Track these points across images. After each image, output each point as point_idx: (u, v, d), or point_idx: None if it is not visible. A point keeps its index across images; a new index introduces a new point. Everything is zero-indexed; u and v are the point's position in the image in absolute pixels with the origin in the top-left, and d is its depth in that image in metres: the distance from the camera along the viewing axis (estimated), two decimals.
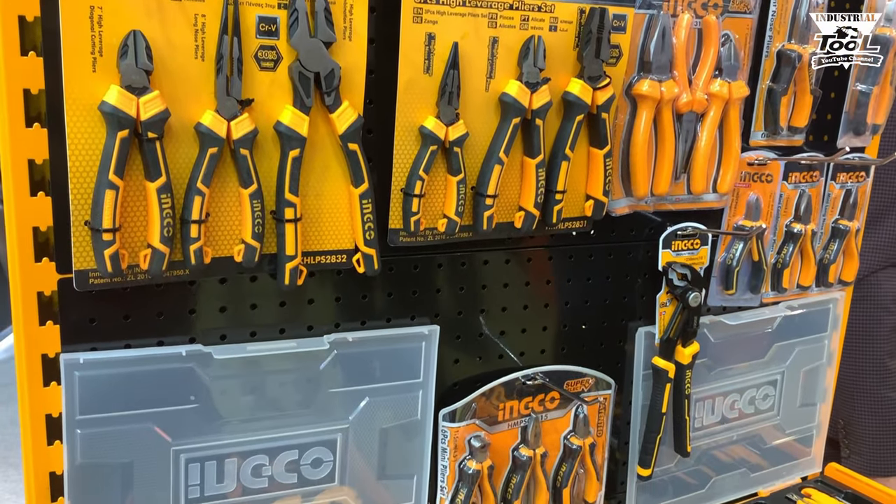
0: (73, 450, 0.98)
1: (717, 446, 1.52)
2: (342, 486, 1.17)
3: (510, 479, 1.30)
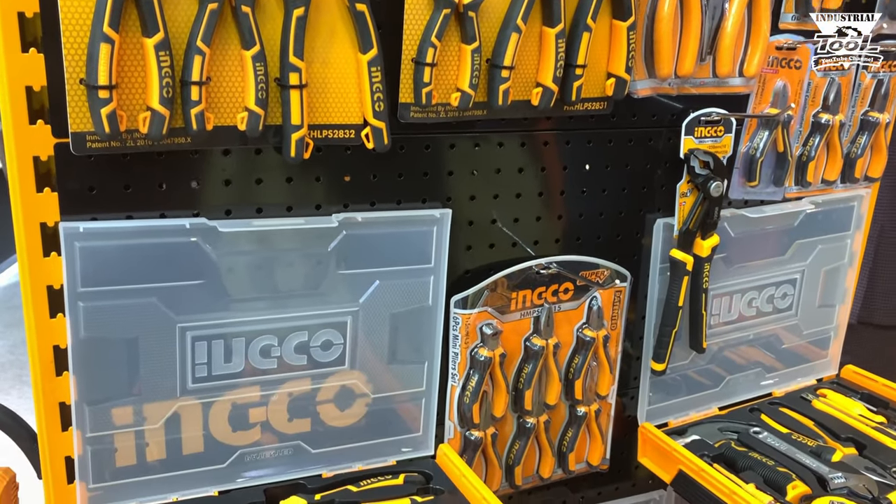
0: (77, 323, 0.96)
1: (732, 345, 1.49)
2: (352, 369, 1.16)
3: (522, 369, 1.28)
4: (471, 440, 1.26)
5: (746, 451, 1.34)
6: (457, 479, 1.16)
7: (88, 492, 1.03)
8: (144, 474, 1.06)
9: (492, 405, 1.27)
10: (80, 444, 1.01)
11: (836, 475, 1.27)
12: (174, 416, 1.05)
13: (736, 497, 1.21)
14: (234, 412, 1.09)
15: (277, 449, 1.14)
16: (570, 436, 1.36)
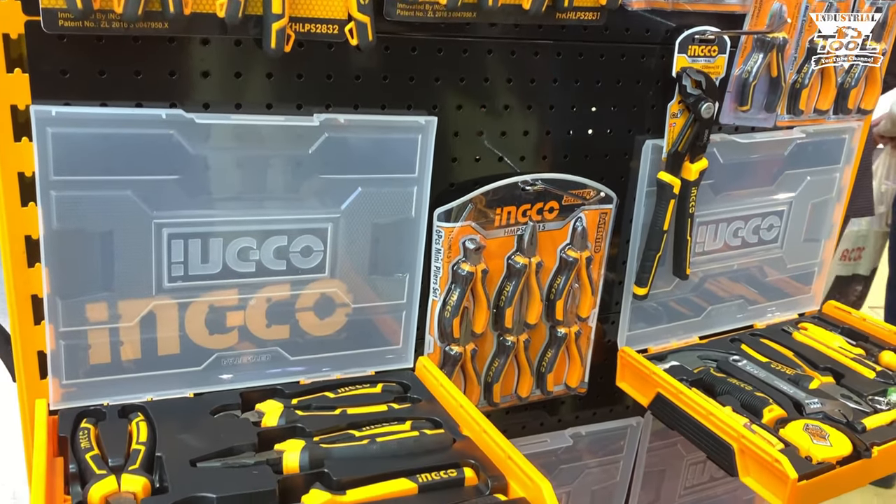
0: (49, 213, 0.94)
1: (716, 274, 1.49)
2: (333, 278, 1.14)
3: (504, 287, 1.27)
4: (450, 355, 1.26)
5: (725, 377, 1.35)
6: (435, 389, 1.16)
7: (62, 388, 1.02)
8: (119, 373, 1.05)
9: (472, 321, 1.26)
10: (52, 338, 0.99)
11: (812, 401, 1.28)
12: (149, 315, 1.04)
13: (713, 418, 1.22)
14: (211, 315, 1.08)
15: (255, 354, 1.13)
16: (549, 357, 1.36)
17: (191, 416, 1.03)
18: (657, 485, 1.65)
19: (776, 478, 1.12)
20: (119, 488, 0.87)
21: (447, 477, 0.96)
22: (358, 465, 0.96)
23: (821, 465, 1.13)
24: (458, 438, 1.04)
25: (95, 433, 0.97)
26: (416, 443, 1.01)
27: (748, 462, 1.17)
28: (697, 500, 1.72)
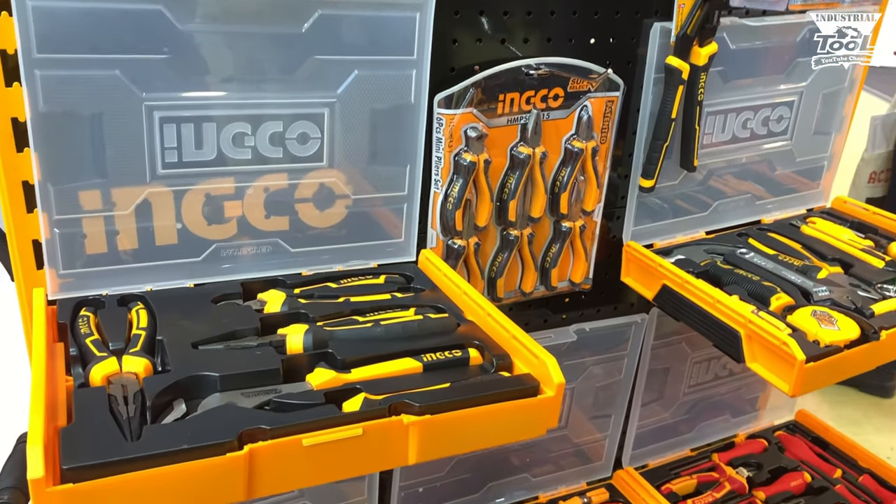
0: (35, 94, 0.90)
1: (723, 168, 1.46)
2: (331, 168, 1.11)
3: (507, 179, 1.24)
4: (453, 249, 1.24)
5: (731, 269, 1.33)
6: (438, 280, 1.14)
7: (59, 278, 1.00)
8: (116, 263, 1.03)
9: (475, 214, 1.24)
10: (47, 226, 0.97)
11: (820, 288, 1.26)
12: (144, 204, 1.02)
13: (719, 306, 1.21)
14: (208, 204, 1.06)
15: (255, 245, 1.11)
16: (553, 252, 1.34)
17: (191, 305, 1.01)
18: (661, 383, 1.65)
19: (783, 361, 1.11)
20: (120, 369, 0.86)
21: (452, 357, 0.95)
22: (362, 346, 0.95)
23: (828, 348, 1.13)
24: (462, 323, 1.03)
25: (95, 320, 0.96)
26: (420, 326, 1.00)
27: (755, 347, 1.16)
28: (701, 399, 1.74)
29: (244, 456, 0.74)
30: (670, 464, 1.71)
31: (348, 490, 1.38)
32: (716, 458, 1.73)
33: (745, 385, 1.80)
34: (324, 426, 0.79)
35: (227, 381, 0.85)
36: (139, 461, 0.71)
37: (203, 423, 0.79)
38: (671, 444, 1.73)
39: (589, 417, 1.60)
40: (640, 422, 1.64)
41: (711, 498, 1.60)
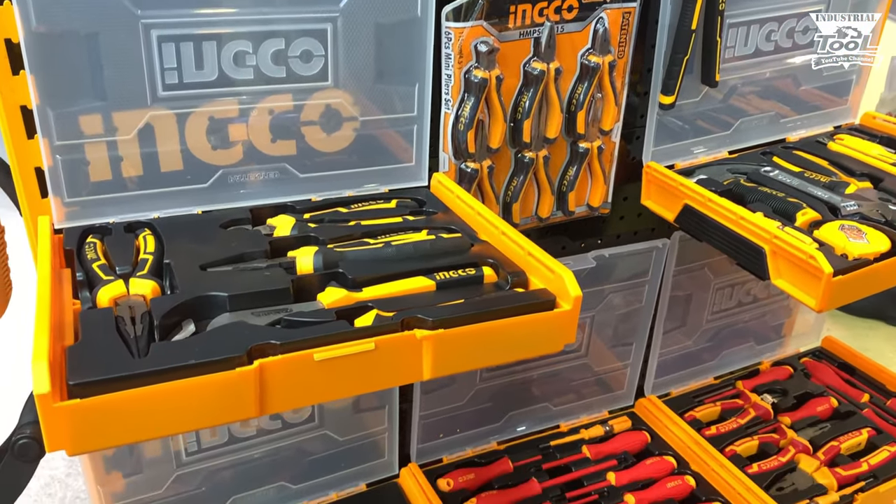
0: (26, 12, 0.87)
1: (747, 83, 1.40)
2: (336, 88, 1.08)
3: (520, 98, 1.20)
4: (466, 172, 1.20)
5: (755, 187, 1.29)
6: (451, 202, 1.11)
7: (64, 206, 0.98)
8: (122, 190, 1.01)
9: (488, 135, 1.20)
10: (48, 153, 0.95)
11: (848, 203, 1.22)
12: (147, 128, 0.99)
13: (743, 223, 1.17)
14: (213, 127, 1.03)
15: (262, 171, 1.08)
16: (570, 174, 1.30)
17: (199, 230, 0.99)
18: (683, 310, 1.62)
19: (810, 276, 1.08)
20: (128, 292, 0.84)
21: (466, 275, 0.92)
22: (373, 265, 0.92)
23: (857, 261, 1.09)
24: (476, 242, 1.00)
25: (102, 247, 0.94)
26: (432, 245, 0.97)
27: (780, 263, 1.13)
28: (725, 326, 1.71)
29: (254, 371, 0.73)
30: (693, 392, 1.69)
31: (368, 420, 1.38)
32: (740, 385, 1.71)
33: (769, 312, 1.76)
34: (335, 341, 0.77)
35: (236, 300, 0.84)
36: (147, 376, 0.70)
37: (212, 340, 0.77)
38: (694, 373, 1.71)
39: (610, 346, 1.57)
40: (662, 350, 1.62)
41: (736, 424, 1.58)
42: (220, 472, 1.28)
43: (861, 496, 1.41)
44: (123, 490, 1.20)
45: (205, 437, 1.23)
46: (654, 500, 1.40)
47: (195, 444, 1.23)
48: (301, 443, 1.32)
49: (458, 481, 1.41)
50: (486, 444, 1.51)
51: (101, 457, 1.17)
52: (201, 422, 0.74)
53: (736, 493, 1.40)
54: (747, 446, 1.53)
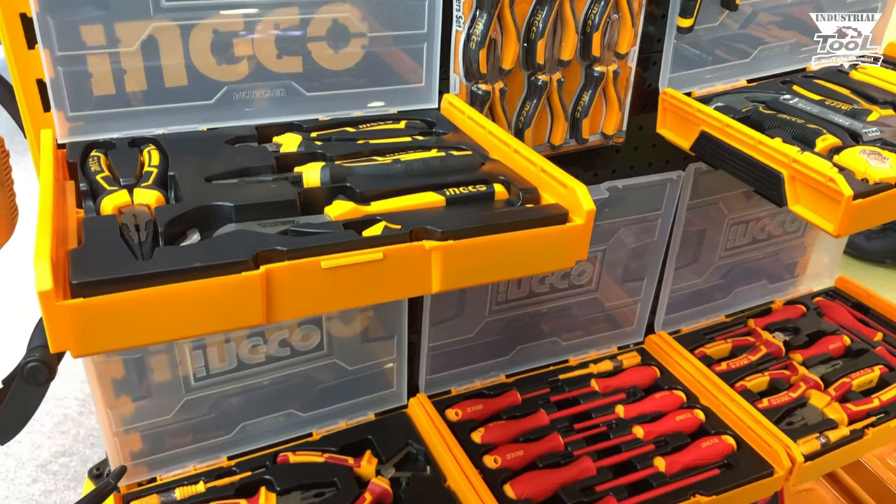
0: None
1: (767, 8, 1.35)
2: (343, 1, 1.04)
3: (535, 15, 1.16)
4: (477, 94, 1.17)
5: (774, 114, 1.25)
6: (462, 123, 1.09)
7: (67, 121, 0.96)
8: (126, 105, 0.99)
9: (500, 56, 1.16)
10: (49, 64, 0.92)
11: (870, 129, 1.18)
12: (150, 40, 0.96)
13: (761, 147, 1.14)
14: (217, 41, 1.00)
15: (269, 88, 1.05)
16: (584, 100, 1.27)
17: (205, 146, 0.97)
18: (696, 246, 1.60)
19: (829, 199, 1.05)
20: (132, 202, 0.83)
21: (476, 191, 0.90)
22: (382, 181, 0.90)
23: (878, 185, 1.06)
24: (487, 160, 0.98)
25: (106, 160, 0.92)
26: (442, 162, 0.95)
27: (798, 188, 1.10)
28: (738, 263, 1.68)
29: (260, 276, 0.71)
30: (704, 329, 1.68)
31: (377, 350, 1.37)
32: (752, 323, 1.69)
33: (783, 250, 1.74)
34: (343, 250, 0.76)
35: (242, 211, 0.82)
36: (151, 278, 0.68)
37: (217, 245, 0.76)
38: (705, 310, 1.69)
39: (620, 281, 1.56)
40: (674, 286, 1.60)
41: (747, 361, 1.57)
42: (228, 399, 1.28)
43: (871, 431, 1.41)
44: (132, 414, 1.21)
45: (213, 363, 1.23)
46: (663, 432, 1.40)
47: (203, 370, 1.23)
48: (310, 371, 1.32)
49: (467, 411, 1.41)
50: (494, 377, 1.51)
51: (111, 380, 1.17)
52: (206, 326, 0.73)
53: (745, 426, 1.40)
54: (757, 382, 1.52)
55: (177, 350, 1.18)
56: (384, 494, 1.25)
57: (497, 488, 1.26)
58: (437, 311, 1.38)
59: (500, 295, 1.43)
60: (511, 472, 1.30)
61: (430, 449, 1.34)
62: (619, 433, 1.40)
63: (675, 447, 1.37)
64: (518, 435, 1.38)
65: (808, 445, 1.36)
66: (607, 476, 1.31)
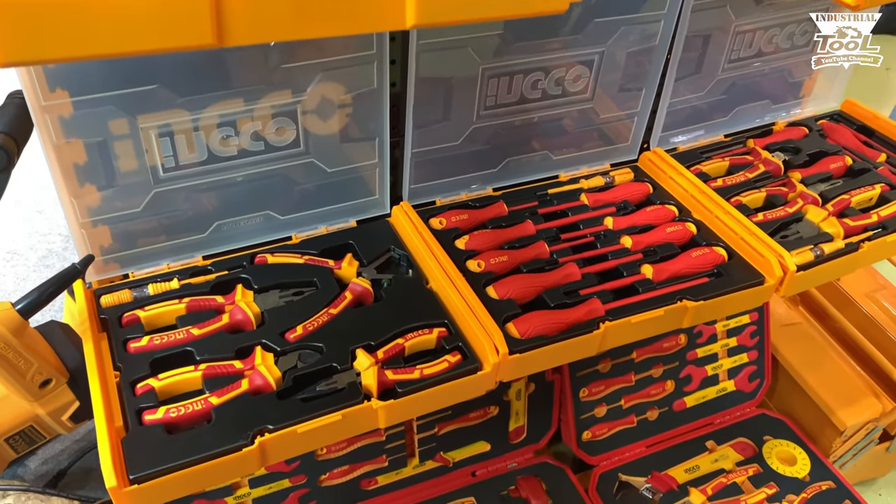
0: None
1: None
2: None
3: None
4: None
5: None
6: None
7: None
8: None
9: None
10: None
11: None
12: None
13: None
14: None
15: None
16: None
17: None
18: (699, 54, 1.51)
19: None
20: None
21: None
22: None
23: None
24: None
25: None
26: None
27: None
28: (741, 78, 1.60)
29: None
30: (701, 148, 1.61)
31: (357, 152, 1.31)
32: (751, 143, 1.63)
33: (789, 68, 1.65)
34: None
35: None
36: None
37: None
38: (704, 128, 1.62)
39: (617, 91, 1.47)
40: (672, 100, 1.52)
41: (743, 178, 1.52)
42: (201, 195, 1.22)
43: (867, 245, 1.37)
44: (98, 204, 1.15)
45: (182, 154, 1.16)
46: (652, 243, 1.36)
47: (172, 160, 1.16)
48: (286, 170, 1.25)
49: (451, 220, 1.37)
50: (481, 189, 1.46)
51: (73, 165, 1.11)
52: (148, 41, 0.65)
53: (738, 237, 1.35)
54: (754, 198, 1.47)
55: (142, 136, 1.11)
56: (365, 294, 1.22)
57: (480, 290, 1.23)
58: (422, 113, 1.30)
59: (488, 98, 1.35)
60: (494, 275, 1.27)
61: (412, 254, 1.30)
62: (607, 243, 1.36)
63: (664, 256, 1.34)
64: (503, 243, 1.34)
65: (802, 256, 1.33)
66: (592, 281, 1.28)
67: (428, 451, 1.61)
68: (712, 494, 1.65)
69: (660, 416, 1.79)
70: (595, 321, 1.19)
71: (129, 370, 1.08)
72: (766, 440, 1.79)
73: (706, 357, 1.81)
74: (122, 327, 1.14)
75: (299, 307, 1.19)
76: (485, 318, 1.15)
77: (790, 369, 1.87)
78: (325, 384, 1.07)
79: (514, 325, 1.17)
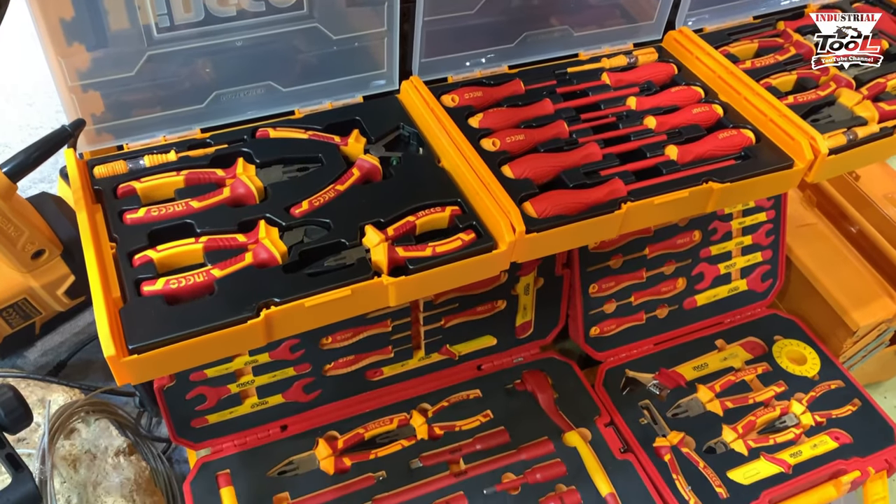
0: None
1: None
2: None
3: None
4: None
5: None
6: None
7: None
8: None
9: None
10: None
11: None
12: None
13: None
14: None
15: None
16: None
17: None
18: None
19: None
20: None
21: None
22: None
23: None
24: None
25: None
26: None
27: None
28: None
29: None
30: (729, 29, 1.51)
31: (365, 19, 1.22)
32: (782, 25, 1.53)
33: None
34: None
35: None
36: None
37: None
38: (732, 8, 1.52)
39: None
40: None
41: (773, 60, 1.43)
42: (198, 61, 1.14)
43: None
44: (89, 66, 1.07)
45: (178, 13, 1.07)
46: (677, 124, 1.29)
47: (167, 19, 1.07)
48: (288, 35, 1.16)
49: (464, 98, 1.28)
50: (496, 66, 1.37)
51: (59, 21, 1.02)
52: None
53: (767, 119, 1.28)
54: (784, 80, 1.38)
55: None
56: (373, 171, 1.16)
57: (495, 169, 1.16)
58: None
59: None
60: (510, 155, 1.20)
61: (423, 131, 1.23)
62: (630, 124, 1.29)
63: (689, 138, 1.27)
64: (519, 122, 1.26)
65: (834, 140, 1.26)
66: (613, 161, 1.21)
67: (434, 343, 1.58)
68: (720, 391, 1.63)
69: (669, 314, 1.75)
70: (616, 201, 1.13)
71: (126, 242, 1.02)
72: (777, 340, 1.76)
73: (720, 255, 1.76)
74: (118, 199, 1.08)
75: (304, 183, 1.13)
76: (501, 196, 1.09)
77: (804, 269, 1.82)
78: (333, 259, 1.02)
79: (532, 204, 1.11)
